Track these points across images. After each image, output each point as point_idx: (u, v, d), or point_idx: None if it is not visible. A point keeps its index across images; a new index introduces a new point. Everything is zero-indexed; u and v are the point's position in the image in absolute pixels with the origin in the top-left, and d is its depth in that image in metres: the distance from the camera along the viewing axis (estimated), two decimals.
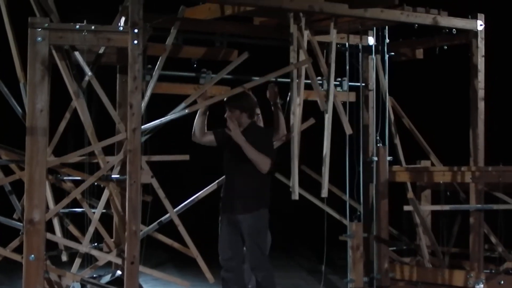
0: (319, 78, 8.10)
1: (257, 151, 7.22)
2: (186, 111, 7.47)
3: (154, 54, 7.59)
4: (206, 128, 7.47)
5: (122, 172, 7.09)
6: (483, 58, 8.68)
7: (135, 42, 6.78)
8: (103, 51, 7.43)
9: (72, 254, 7.43)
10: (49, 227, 7.09)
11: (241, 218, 7.25)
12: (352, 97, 8.81)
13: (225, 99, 7.48)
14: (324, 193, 7.79)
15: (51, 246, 7.27)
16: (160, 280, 8.71)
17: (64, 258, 7.47)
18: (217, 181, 7.82)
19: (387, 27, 8.91)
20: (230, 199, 7.32)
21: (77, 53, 7.19)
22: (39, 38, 6.71)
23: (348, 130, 8.09)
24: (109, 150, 7.29)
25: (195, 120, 7.45)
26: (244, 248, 7.39)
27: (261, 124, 8.28)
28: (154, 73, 7.51)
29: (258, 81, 7.70)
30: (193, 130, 7.45)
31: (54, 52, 6.97)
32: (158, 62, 7.54)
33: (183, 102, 7.50)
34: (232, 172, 7.33)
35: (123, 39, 6.84)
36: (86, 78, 7.28)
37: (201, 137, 7.44)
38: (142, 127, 7.16)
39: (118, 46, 7.09)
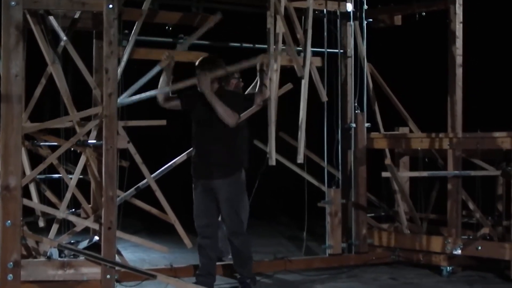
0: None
1: (224, 105, 7.20)
2: (167, 89, 7.46)
3: (130, 19, 7.57)
4: (170, 92, 7.40)
5: (98, 137, 7.08)
6: (461, 25, 8.67)
7: (110, 6, 6.72)
8: (79, 16, 7.41)
9: (49, 220, 7.43)
10: (26, 193, 7.08)
11: (218, 184, 7.25)
12: (317, 62, 8.75)
13: (196, 64, 7.42)
14: (300, 159, 7.79)
15: (28, 212, 7.26)
16: (138, 246, 8.75)
17: (41, 224, 7.47)
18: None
19: None
20: (204, 164, 7.29)
21: (52, 18, 7.16)
22: (13, 3, 6.61)
23: (323, 97, 8.10)
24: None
25: (160, 81, 7.39)
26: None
27: (240, 87, 8.32)
28: (130, 38, 7.49)
29: (242, 66, 7.72)
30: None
31: (28, 16, 6.93)
32: (135, 27, 7.52)
33: (157, 65, 7.48)
34: (205, 136, 7.29)
35: (98, 3, 6.78)
36: (62, 44, 7.25)
37: (164, 100, 7.39)
38: (121, 101, 7.19)
39: (93, 10, 7.07)
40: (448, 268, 8.35)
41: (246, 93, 8.45)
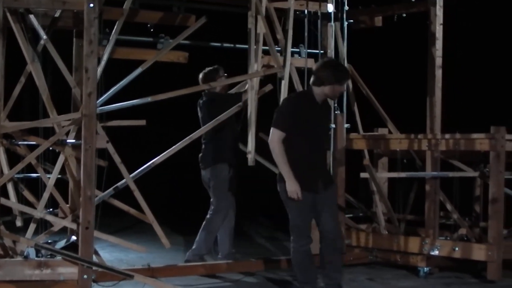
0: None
1: None
2: (149, 99, 7.45)
3: (111, 19, 7.55)
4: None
5: (77, 137, 7.05)
6: (441, 26, 8.73)
7: (91, 5, 6.70)
8: (59, 14, 7.38)
9: (27, 220, 7.38)
10: (4, 192, 7.05)
11: (333, 189, 7.08)
12: (310, 63, 8.80)
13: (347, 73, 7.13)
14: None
15: (6, 211, 7.22)
16: (116, 246, 8.72)
17: (18, 223, 7.43)
18: (174, 146, 7.78)
19: None
20: (317, 174, 6.95)
21: (32, 17, 7.13)
22: None
23: None
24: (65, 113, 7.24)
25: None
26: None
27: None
28: (111, 37, 7.47)
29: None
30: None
31: (8, 15, 6.90)
32: (115, 27, 7.50)
33: (140, 67, 7.47)
34: (316, 148, 6.95)
35: (79, 2, 6.76)
36: (42, 42, 7.22)
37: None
38: (101, 108, 7.18)
39: (74, 9, 7.05)
40: (425, 268, 8.39)
41: (232, 91, 8.52)
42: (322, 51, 9.00)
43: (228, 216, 8.45)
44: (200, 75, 8.42)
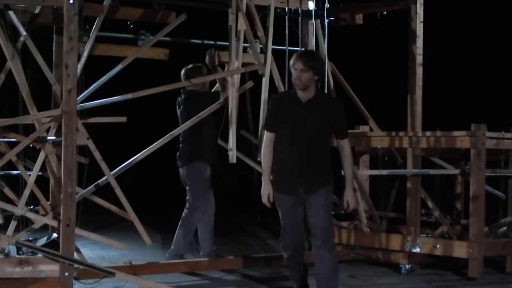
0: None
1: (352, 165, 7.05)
2: (130, 96, 7.42)
3: (91, 15, 7.52)
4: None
5: (58, 134, 7.02)
6: (422, 24, 8.74)
7: (71, 1, 6.67)
8: (39, 11, 7.35)
9: (8, 217, 7.37)
10: None
11: (325, 191, 6.79)
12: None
13: (296, 55, 6.70)
14: (260, 157, 7.80)
15: None
16: (98, 244, 8.70)
17: None
18: (155, 143, 7.76)
19: None
20: (299, 176, 6.65)
21: (11, 13, 7.09)
22: None
23: None
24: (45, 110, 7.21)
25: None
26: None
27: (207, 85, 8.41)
28: (91, 34, 7.44)
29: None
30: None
31: None
32: (95, 23, 7.46)
33: (120, 64, 7.44)
34: (300, 148, 6.62)
35: None
36: (21, 39, 7.19)
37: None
38: (82, 104, 7.14)
39: (54, 5, 7.01)
40: (407, 266, 8.40)
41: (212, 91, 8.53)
42: (303, 49, 9.00)
43: (208, 214, 8.43)
44: (182, 71, 8.42)
